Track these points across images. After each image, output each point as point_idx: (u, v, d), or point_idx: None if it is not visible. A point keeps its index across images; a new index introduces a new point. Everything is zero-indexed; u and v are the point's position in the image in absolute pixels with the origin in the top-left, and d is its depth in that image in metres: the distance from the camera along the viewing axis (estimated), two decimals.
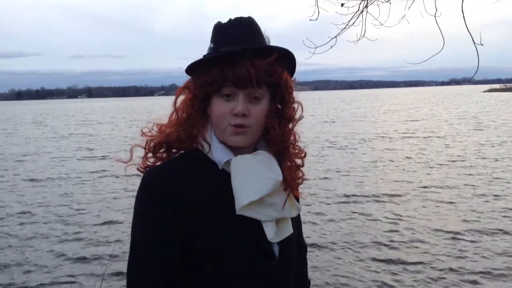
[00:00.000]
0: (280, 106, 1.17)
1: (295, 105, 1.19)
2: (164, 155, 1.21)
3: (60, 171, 12.91)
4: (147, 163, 1.20)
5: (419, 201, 8.23)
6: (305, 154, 1.24)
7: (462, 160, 12.23)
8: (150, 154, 1.20)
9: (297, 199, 1.24)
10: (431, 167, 11.36)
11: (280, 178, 1.13)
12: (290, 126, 1.18)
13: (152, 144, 1.20)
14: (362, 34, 3.60)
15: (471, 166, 11.37)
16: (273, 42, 1.19)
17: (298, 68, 1.20)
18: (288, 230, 1.17)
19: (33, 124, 37.27)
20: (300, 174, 1.23)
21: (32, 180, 11.64)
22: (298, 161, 1.23)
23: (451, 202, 7.99)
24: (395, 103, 56.63)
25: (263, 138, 1.19)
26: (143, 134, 1.22)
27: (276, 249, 1.17)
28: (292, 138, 1.20)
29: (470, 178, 9.91)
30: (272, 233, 1.13)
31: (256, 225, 1.12)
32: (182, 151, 1.20)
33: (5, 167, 13.90)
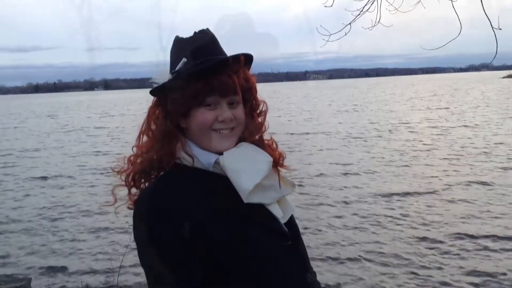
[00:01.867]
0: (252, 106, 1.27)
1: (261, 103, 1.29)
2: (147, 184, 1.20)
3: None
4: (134, 198, 1.19)
5: (439, 198, 7.65)
6: (272, 138, 1.34)
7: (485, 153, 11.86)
8: (133, 189, 1.20)
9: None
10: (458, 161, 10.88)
11: (271, 158, 1.20)
12: (261, 120, 1.29)
13: (130, 178, 1.19)
14: (377, 20, 3.55)
15: (493, 159, 10.80)
16: (287, 31, 1.19)
17: (312, 56, 1.21)
18: (290, 208, 1.24)
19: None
20: (279, 154, 1.30)
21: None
22: (273, 145, 1.33)
23: (472, 200, 7.51)
24: (412, 90, 55.54)
25: None
26: (118, 172, 1.22)
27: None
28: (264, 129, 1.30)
29: (489, 173, 9.34)
30: (281, 213, 1.18)
31: (262, 212, 1.16)
32: (162, 172, 1.18)
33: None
